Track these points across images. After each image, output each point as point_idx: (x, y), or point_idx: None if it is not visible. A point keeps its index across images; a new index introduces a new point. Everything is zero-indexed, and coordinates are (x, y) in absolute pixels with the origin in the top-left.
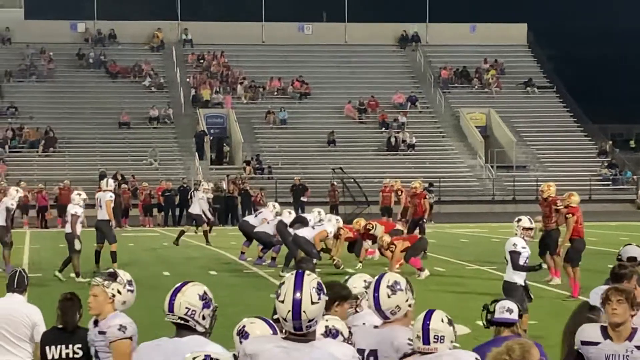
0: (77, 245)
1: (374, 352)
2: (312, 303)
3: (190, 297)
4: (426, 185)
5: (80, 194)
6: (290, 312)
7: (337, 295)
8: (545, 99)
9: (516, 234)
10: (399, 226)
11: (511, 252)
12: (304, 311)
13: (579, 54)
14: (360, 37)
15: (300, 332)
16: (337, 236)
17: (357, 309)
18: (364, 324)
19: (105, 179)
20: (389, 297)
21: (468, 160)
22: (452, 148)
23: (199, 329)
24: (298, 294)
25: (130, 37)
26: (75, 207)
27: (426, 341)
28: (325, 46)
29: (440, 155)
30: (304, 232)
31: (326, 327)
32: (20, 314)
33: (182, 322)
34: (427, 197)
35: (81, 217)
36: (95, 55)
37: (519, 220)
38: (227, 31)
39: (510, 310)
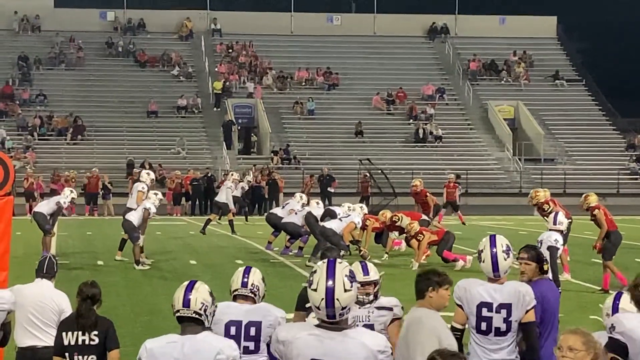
0: (141, 242)
1: (506, 305)
2: (345, 291)
3: (203, 293)
4: (453, 176)
5: (157, 194)
6: (324, 300)
7: (431, 282)
8: (574, 92)
9: (561, 231)
10: (425, 217)
11: (551, 247)
12: (337, 299)
13: (608, 47)
14: (389, 28)
15: (333, 320)
16: (364, 227)
17: (377, 294)
18: (402, 307)
19: (145, 171)
20: (505, 259)
21: (496, 152)
22: (479, 140)
23: (206, 323)
24: (331, 282)
25: (159, 26)
26: (149, 203)
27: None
28: (354, 37)
29: (468, 147)
30: (332, 224)
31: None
32: (48, 299)
33: (196, 316)
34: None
35: (152, 215)
36: (124, 44)
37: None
38: (256, 21)
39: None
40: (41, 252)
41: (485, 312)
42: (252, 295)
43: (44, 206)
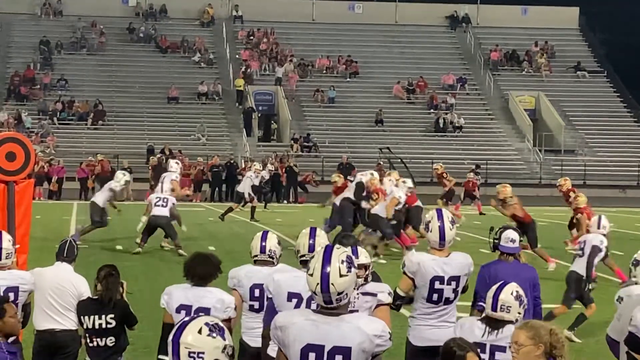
0: (184, 228)
1: (456, 278)
2: (341, 276)
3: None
4: (473, 166)
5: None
6: (319, 286)
7: None
8: (595, 83)
9: (604, 234)
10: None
11: (595, 247)
12: (332, 284)
13: (630, 39)
14: (411, 17)
15: (330, 306)
16: None
17: (368, 278)
18: (389, 292)
19: (174, 161)
20: (450, 229)
21: (516, 143)
22: (500, 131)
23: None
24: (327, 268)
25: (181, 12)
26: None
27: None
28: (375, 25)
29: (488, 137)
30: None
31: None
32: (67, 283)
33: (269, 259)
34: (446, 176)
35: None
36: (146, 30)
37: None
38: (278, 8)
39: (513, 241)
40: (62, 236)
41: (437, 285)
42: (271, 259)
43: (99, 196)
